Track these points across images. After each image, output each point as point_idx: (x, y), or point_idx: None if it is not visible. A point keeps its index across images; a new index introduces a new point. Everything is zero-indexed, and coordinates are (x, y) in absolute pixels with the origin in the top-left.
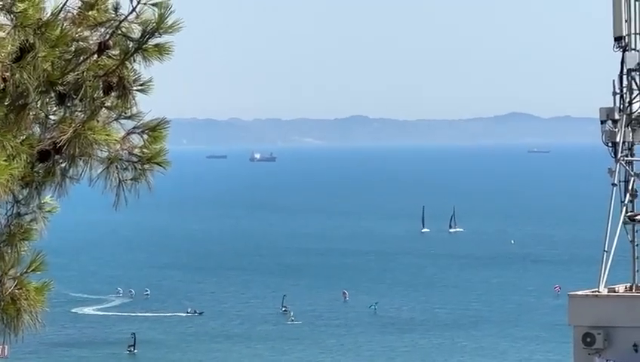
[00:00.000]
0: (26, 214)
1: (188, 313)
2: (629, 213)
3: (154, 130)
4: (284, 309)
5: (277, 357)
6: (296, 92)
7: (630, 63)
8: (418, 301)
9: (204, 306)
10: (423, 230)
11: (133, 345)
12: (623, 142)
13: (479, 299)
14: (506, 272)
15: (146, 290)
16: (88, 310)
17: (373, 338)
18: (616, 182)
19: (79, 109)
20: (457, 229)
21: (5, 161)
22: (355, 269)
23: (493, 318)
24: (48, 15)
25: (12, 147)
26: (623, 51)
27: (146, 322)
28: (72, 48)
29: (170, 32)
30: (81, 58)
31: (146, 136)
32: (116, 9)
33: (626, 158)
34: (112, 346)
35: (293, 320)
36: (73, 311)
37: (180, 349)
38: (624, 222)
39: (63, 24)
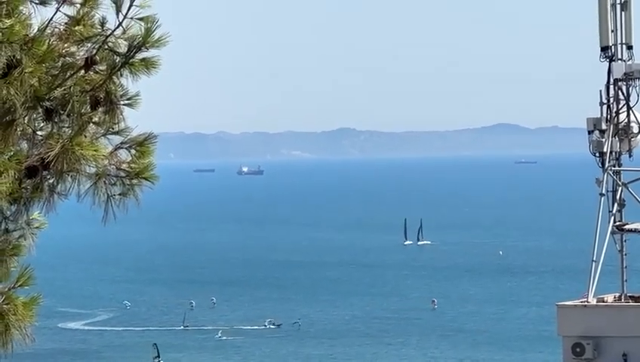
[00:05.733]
0: (15, 230)
1: (265, 326)
2: (617, 223)
3: (141, 144)
4: (186, 326)
5: None
6: (283, 105)
7: (617, 73)
8: (402, 311)
9: (191, 320)
10: (405, 242)
11: (158, 356)
12: (611, 152)
13: (467, 310)
14: (494, 283)
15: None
16: (75, 325)
17: (352, 349)
18: (604, 192)
19: (67, 125)
20: (425, 242)
21: None
22: (340, 282)
23: (480, 329)
24: (35, 31)
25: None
26: (610, 61)
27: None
28: (59, 64)
29: (157, 47)
30: (68, 73)
31: (133, 151)
32: (103, 24)
33: (613, 168)
34: (128, 359)
35: (220, 336)
36: (67, 325)
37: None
38: (612, 232)
39: (49, 40)
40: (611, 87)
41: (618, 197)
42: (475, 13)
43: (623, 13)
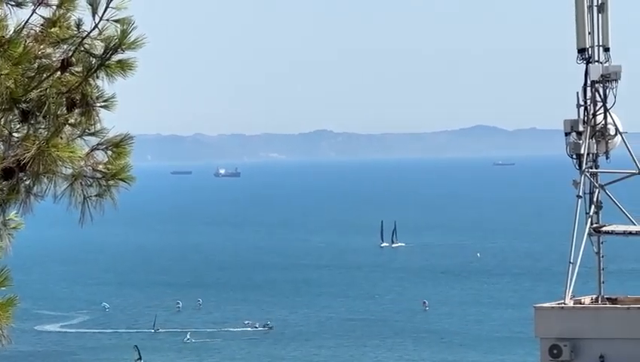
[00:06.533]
0: None
1: (257, 327)
2: (594, 225)
3: (118, 146)
4: (156, 329)
5: None
6: (259, 107)
7: (593, 75)
8: (379, 313)
9: (166, 322)
10: (382, 244)
11: (140, 358)
12: (588, 154)
13: (444, 312)
14: (471, 285)
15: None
16: (52, 327)
17: (328, 351)
18: (581, 193)
19: (43, 126)
20: (399, 244)
21: None
22: (316, 283)
23: (456, 330)
24: (11, 32)
25: None
26: (587, 63)
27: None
28: (35, 65)
29: (133, 48)
30: (44, 75)
31: (110, 153)
32: (79, 26)
33: (590, 170)
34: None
35: (189, 339)
36: (44, 328)
37: None
38: (589, 234)
39: (25, 41)
40: (588, 89)
41: (595, 199)
42: (451, 15)
43: (599, 15)
